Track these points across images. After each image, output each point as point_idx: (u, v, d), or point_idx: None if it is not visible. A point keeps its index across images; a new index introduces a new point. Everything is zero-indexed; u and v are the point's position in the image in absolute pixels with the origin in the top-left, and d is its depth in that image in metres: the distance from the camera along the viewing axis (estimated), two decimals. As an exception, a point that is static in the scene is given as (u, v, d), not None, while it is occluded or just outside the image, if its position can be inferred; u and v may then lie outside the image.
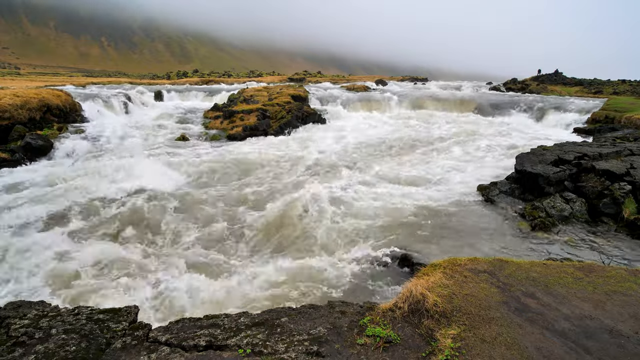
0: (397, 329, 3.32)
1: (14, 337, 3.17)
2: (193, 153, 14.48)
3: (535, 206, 8.37)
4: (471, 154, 14.61)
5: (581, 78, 40.81)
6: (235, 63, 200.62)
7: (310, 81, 46.74)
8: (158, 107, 23.97)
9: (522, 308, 3.54)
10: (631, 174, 8.29)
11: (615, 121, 18.82)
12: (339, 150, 15.06)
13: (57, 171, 11.72)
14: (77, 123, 18.00)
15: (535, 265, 4.41)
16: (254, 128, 18.39)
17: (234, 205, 9.52)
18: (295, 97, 23.87)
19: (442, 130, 19.33)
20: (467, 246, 6.84)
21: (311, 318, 3.54)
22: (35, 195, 9.52)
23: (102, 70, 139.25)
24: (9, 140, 13.93)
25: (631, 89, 31.78)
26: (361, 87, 33.70)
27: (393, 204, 9.06)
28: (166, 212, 8.87)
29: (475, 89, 38.12)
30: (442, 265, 4.32)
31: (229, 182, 11.36)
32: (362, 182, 10.93)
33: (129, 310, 3.65)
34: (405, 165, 13.11)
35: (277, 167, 12.74)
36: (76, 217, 8.43)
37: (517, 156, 10.47)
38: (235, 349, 3.07)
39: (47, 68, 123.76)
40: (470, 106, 26.21)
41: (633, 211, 7.50)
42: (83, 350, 3.02)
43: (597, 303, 3.65)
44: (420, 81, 53.19)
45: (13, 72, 66.50)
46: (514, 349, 3.01)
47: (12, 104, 14.87)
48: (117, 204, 9.07)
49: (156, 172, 11.28)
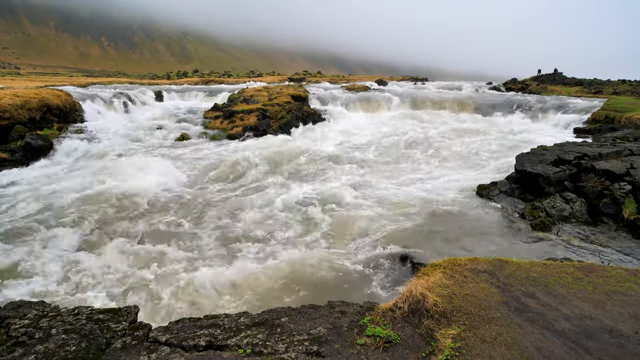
0: (397, 329, 3.32)
1: (14, 337, 3.16)
2: (193, 153, 14.49)
3: (535, 206, 8.38)
4: (471, 153, 14.61)
5: (581, 78, 40.79)
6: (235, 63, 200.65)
7: (310, 81, 46.72)
8: (158, 107, 23.95)
9: (522, 308, 3.54)
10: (631, 174, 8.29)
11: (615, 121, 18.82)
12: (339, 149, 15.06)
13: (57, 171, 11.73)
14: (77, 123, 18.00)
15: (535, 265, 4.41)
16: (254, 128, 18.38)
17: (231, 204, 9.53)
18: (295, 97, 23.87)
19: (442, 130, 19.32)
20: (467, 246, 6.84)
21: (311, 318, 3.54)
22: (36, 195, 9.53)
23: (102, 70, 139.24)
24: (9, 140, 13.93)
25: (631, 89, 31.77)
26: (361, 87, 33.70)
27: (392, 204, 9.06)
28: (168, 211, 8.88)
29: (475, 89, 38.11)
30: (442, 265, 4.32)
31: (226, 181, 11.41)
32: (361, 182, 10.94)
33: (129, 310, 3.65)
34: (405, 166, 13.11)
35: (276, 166, 12.74)
36: (76, 217, 8.44)
37: (517, 156, 10.47)
38: (235, 349, 3.07)
39: (47, 68, 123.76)
40: (470, 106, 26.20)
41: (633, 211, 7.50)
42: (83, 350, 3.02)
43: (597, 303, 3.65)
44: (420, 81, 53.15)
45: (13, 72, 66.49)
46: (514, 349, 3.01)
47: (12, 104, 14.88)
48: (117, 203, 9.07)
49: (156, 172, 11.29)
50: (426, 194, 9.85)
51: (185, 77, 58.95)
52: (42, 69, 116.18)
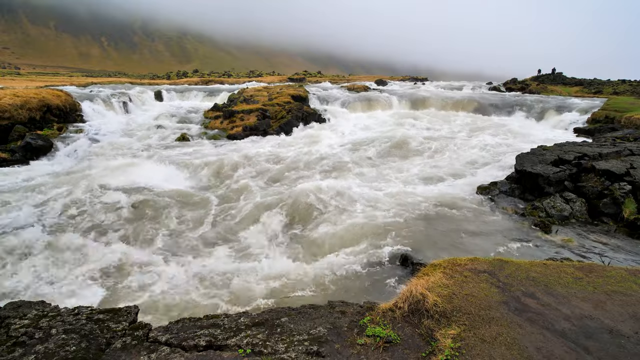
0: (397, 329, 3.32)
1: (14, 337, 3.16)
2: (193, 153, 14.48)
3: (535, 206, 8.38)
4: (471, 153, 14.60)
5: (581, 78, 40.78)
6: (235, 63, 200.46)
7: (310, 81, 46.74)
8: (158, 107, 23.97)
9: (522, 308, 3.54)
10: (631, 174, 8.29)
11: (615, 121, 18.82)
12: (339, 149, 15.04)
13: (56, 171, 11.72)
14: (77, 123, 18.00)
15: (535, 265, 4.41)
16: (254, 128, 18.39)
17: (230, 202, 9.53)
18: (295, 97, 23.87)
19: (442, 130, 19.33)
20: (467, 246, 6.84)
21: (311, 318, 3.54)
22: (35, 195, 9.52)
23: (102, 70, 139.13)
24: (9, 140, 13.93)
25: (631, 89, 31.75)
26: (361, 87, 33.69)
27: (393, 204, 9.05)
28: (171, 210, 8.88)
29: (475, 89, 38.11)
30: (442, 265, 4.32)
31: (224, 181, 11.42)
32: (361, 182, 10.93)
33: (129, 310, 3.65)
34: (405, 165, 13.11)
35: (274, 166, 12.74)
36: (77, 217, 8.44)
37: (517, 156, 10.46)
38: (235, 349, 3.07)
39: (47, 68, 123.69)
40: (470, 106, 26.21)
41: (633, 211, 7.50)
42: (83, 350, 3.02)
43: (597, 303, 3.64)
44: (420, 81, 53.11)
45: (13, 72, 66.42)
46: (514, 349, 3.00)
47: (12, 104, 14.88)
48: (117, 203, 9.07)
49: (156, 172, 11.30)
50: (426, 194, 9.84)
51: (185, 77, 58.96)
52: (42, 68, 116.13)
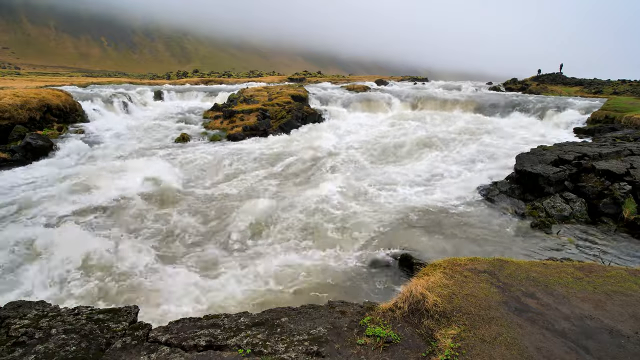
0: (397, 329, 3.32)
1: (14, 337, 3.16)
2: (193, 153, 14.48)
3: (535, 206, 8.38)
4: (471, 153, 14.59)
5: (581, 78, 40.75)
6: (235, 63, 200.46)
7: (310, 81, 46.71)
8: (158, 107, 23.97)
9: (522, 308, 3.54)
10: (631, 174, 8.29)
11: (615, 121, 18.80)
12: (339, 149, 15.05)
13: (56, 171, 11.72)
14: (77, 123, 18.01)
15: (535, 265, 4.41)
16: (254, 128, 18.39)
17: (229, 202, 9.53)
18: (295, 97, 23.87)
19: (442, 130, 19.31)
20: (467, 246, 6.84)
21: (311, 318, 3.54)
22: (35, 195, 9.52)
23: (102, 70, 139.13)
24: (9, 140, 13.94)
25: (631, 89, 31.76)
26: (361, 87, 33.68)
27: (393, 204, 9.06)
28: (172, 210, 8.88)
29: (475, 89, 38.10)
30: (442, 265, 4.31)
31: (223, 181, 11.42)
32: (361, 182, 10.92)
33: (129, 310, 3.65)
34: (405, 165, 13.11)
35: (274, 167, 12.74)
36: (77, 217, 8.44)
37: (517, 156, 10.46)
38: (235, 349, 3.07)
39: (47, 68, 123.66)
40: (470, 106, 26.20)
41: (633, 211, 7.50)
42: (83, 350, 3.02)
43: (597, 303, 3.64)
44: (420, 81, 53.12)
45: (13, 72, 66.46)
46: (514, 349, 3.00)
47: (12, 104, 14.88)
48: (117, 203, 9.07)
49: (156, 172, 11.29)
50: (426, 194, 9.86)
51: (185, 77, 58.96)
52: (42, 68, 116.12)
